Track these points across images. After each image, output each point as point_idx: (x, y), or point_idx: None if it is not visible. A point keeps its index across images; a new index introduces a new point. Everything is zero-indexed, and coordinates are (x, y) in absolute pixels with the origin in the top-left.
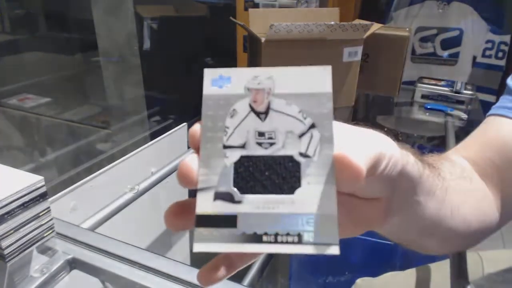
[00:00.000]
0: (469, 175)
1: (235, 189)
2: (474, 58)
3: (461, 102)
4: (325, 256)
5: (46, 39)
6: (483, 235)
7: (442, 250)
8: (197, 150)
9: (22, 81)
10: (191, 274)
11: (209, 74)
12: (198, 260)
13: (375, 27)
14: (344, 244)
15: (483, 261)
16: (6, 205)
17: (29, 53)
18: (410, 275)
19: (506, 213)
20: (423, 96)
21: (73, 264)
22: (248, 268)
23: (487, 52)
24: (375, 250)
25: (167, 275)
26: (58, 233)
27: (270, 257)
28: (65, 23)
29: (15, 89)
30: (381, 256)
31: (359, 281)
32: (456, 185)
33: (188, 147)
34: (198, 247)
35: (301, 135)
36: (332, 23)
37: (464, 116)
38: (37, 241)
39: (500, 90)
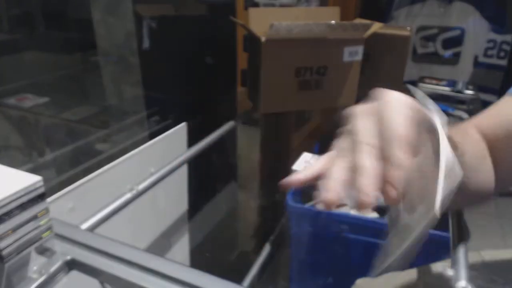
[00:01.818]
0: (483, 150)
1: None
2: (476, 57)
3: (462, 102)
4: (326, 257)
5: (44, 38)
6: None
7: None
8: None
9: (20, 81)
10: (191, 275)
11: None
12: (198, 261)
13: (376, 27)
14: (344, 244)
15: (484, 261)
16: (4, 205)
17: (26, 53)
18: (410, 275)
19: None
20: None
21: (72, 265)
22: (249, 269)
23: (489, 52)
24: (375, 250)
25: (167, 276)
26: (56, 234)
27: (271, 258)
28: (63, 22)
29: (13, 88)
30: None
31: (359, 281)
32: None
33: (189, 147)
34: None
35: None
36: (333, 22)
37: (466, 116)
38: (36, 242)
39: (502, 90)
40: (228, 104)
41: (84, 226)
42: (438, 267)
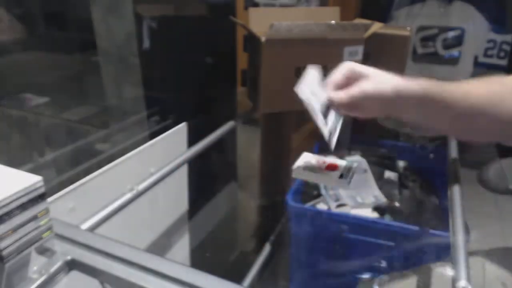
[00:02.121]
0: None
1: None
2: (476, 57)
3: None
4: (326, 257)
5: (45, 39)
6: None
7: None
8: None
9: (21, 81)
10: (191, 275)
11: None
12: (198, 261)
13: (376, 27)
14: (344, 244)
15: (485, 263)
16: (5, 205)
17: (27, 53)
18: (411, 274)
19: None
20: None
21: (72, 265)
22: (249, 269)
23: (489, 52)
24: (375, 250)
25: (167, 276)
26: (57, 234)
27: (271, 258)
28: (64, 23)
29: (14, 88)
30: (381, 256)
31: (363, 280)
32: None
33: (189, 147)
34: None
35: None
36: (333, 22)
37: None
38: (36, 242)
39: None
40: (228, 104)
41: (84, 226)
42: (438, 267)
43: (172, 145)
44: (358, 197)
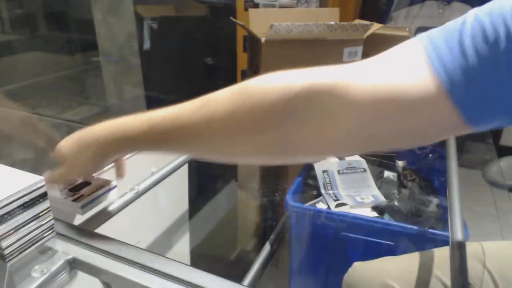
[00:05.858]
0: None
1: None
2: None
3: None
4: (325, 256)
5: (46, 39)
6: None
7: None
8: None
9: (23, 81)
10: (191, 274)
11: None
12: (198, 260)
13: (375, 27)
14: (344, 243)
15: (484, 252)
16: (6, 205)
17: (29, 53)
18: (405, 259)
19: None
20: None
21: (73, 264)
22: (249, 268)
23: None
24: (375, 250)
25: (167, 275)
26: (58, 233)
27: (271, 257)
28: (65, 23)
29: (17, 88)
30: (381, 256)
31: (356, 264)
32: None
33: None
34: None
35: None
36: (332, 23)
37: None
38: (37, 241)
39: None
40: None
41: (86, 225)
42: (437, 252)
43: None
44: (358, 197)
